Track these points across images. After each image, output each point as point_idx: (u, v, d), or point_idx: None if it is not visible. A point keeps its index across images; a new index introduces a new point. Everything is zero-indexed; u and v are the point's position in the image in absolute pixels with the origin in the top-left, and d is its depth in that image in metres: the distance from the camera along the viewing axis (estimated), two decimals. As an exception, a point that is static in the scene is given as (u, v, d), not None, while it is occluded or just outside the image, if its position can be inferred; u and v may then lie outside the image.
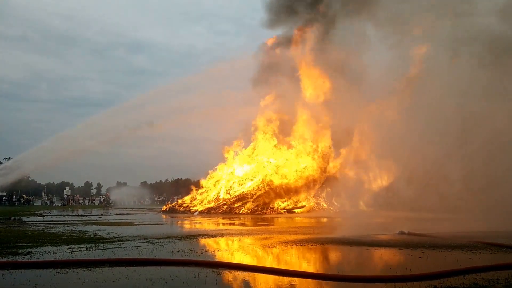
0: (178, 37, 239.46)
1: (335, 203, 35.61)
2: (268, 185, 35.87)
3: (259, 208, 34.68)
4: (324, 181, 37.02)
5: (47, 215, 29.32)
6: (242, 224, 21.78)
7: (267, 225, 21.31)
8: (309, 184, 36.67)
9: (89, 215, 29.67)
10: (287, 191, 35.97)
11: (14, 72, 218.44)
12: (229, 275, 7.74)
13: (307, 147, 37.61)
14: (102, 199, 67.94)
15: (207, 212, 34.40)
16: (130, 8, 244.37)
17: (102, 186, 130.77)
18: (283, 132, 38.97)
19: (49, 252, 10.39)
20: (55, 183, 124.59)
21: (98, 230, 16.97)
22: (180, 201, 40.43)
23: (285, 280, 7.34)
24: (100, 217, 27.21)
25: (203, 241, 13.40)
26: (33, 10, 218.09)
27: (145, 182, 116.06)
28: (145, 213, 35.42)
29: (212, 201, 36.86)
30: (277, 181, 36.10)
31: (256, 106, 39.71)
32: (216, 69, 43.84)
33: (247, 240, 13.37)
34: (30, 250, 10.63)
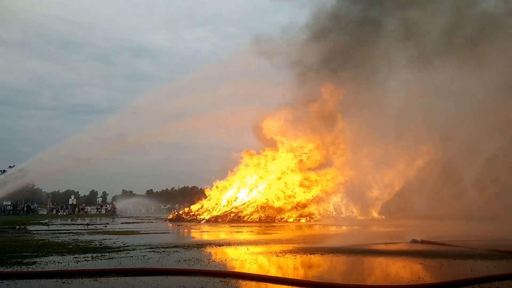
0: (183, 40, 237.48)
1: (346, 211, 35.30)
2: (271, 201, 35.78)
3: (267, 217, 34.33)
4: (335, 190, 36.50)
5: (52, 224, 29.24)
6: (250, 233, 21.59)
7: (274, 233, 21.10)
8: (317, 197, 36.24)
9: (95, 224, 29.56)
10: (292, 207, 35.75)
11: (15, 78, 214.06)
12: (237, 285, 7.57)
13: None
14: (108, 207, 67.94)
15: (214, 221, 34.15)
16: (134, 12, 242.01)
17: (108, 194, 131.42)
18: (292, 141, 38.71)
19: (54, 261, 10.28)
20: (61, 192, 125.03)
21: (104, 239, 16.87)
22: (186, 209, 40.14)
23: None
24: (106, 226, 27.11)
25: (210, 250, 13.26)
26: (35, 14, 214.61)
27: (151, 190, 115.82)
28: (151, 222, 35.29)
29: (219, 209, 36.64)
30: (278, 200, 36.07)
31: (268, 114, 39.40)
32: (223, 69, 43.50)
33: (255, 249, 13.19)
34: (35, 260, 10.52)
